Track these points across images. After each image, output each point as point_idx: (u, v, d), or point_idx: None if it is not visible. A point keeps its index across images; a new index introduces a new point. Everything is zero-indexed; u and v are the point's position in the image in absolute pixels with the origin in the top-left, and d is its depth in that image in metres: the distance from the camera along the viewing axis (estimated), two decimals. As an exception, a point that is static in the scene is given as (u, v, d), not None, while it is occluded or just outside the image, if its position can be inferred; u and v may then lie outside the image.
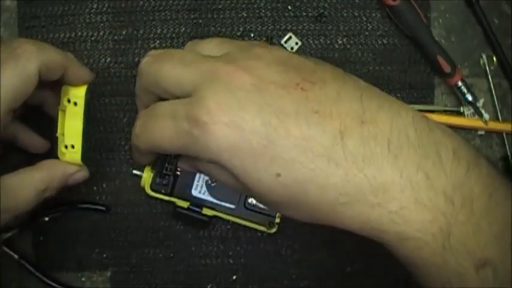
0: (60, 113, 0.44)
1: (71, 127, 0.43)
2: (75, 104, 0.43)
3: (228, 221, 0.51)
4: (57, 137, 0.44)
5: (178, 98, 0.37)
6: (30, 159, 0.45)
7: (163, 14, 0.52)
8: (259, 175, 0.34)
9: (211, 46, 0.40)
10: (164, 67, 0.38)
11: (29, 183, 0.42)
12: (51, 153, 0.46)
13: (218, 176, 0.38)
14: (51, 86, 0.45)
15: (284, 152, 0.33)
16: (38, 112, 0.48)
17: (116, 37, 0.52)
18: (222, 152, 0.34)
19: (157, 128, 0.37)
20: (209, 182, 0.50)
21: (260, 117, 0.34)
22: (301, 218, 0.37)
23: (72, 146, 0.43)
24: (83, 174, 0.45)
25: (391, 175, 0.33)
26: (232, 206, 0.50)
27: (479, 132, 0.53)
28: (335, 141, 0.33)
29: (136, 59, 0.52)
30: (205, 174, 0.41)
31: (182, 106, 0.36)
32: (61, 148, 0.44)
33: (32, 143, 0.48)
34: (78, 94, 0.43)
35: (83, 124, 0.43)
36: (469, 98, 0.51)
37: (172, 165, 0.49)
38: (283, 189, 0.34)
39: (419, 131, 0.34)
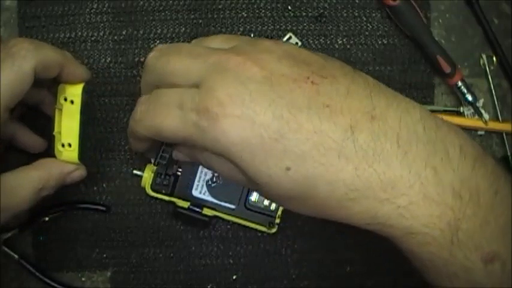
0: (56, 112, 0.43)
1: (68, 126, 0.43)
2: (72, 102, 0.42)
3: (228, 221, 0.50)
4: (54, 136, 0.44)
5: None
6: (29, 158, 0.45)
7: (163, 14, 0.51)
8: (268, 169, 0.33)
9: (218, 41, 0.39)
10: (171, 61, 0.37)
11: (26, 182, 0.41)
12: (49, 152, 0.46)
13: (219, 168, 0.37)
14: (48, 85, 0.45)
15: (296, 145, 0.33)
16: (35, 111, 0.48)
17: (116, 37, 0.51)
18: (231, 145, 0.34)
19: (162, 116, 0.36)
20: (209, 182, 0.49)
21: (271, 110, 0.33)
22: (308, 213, 0.36)
23: (69, 145, 0.43)
24: (80, 173, 0.44)
25: (400, 171, 0.33)
26: (232, 206, 0.49)
27: (479, 132, 0.52)
28: (346, 135, 0.33)
29: (136, 59, 0.51)
30: (203, 165, 0.40)
31: (190, 95, 0.35)
32: (58, 147, 0.43)
33: (29, 143, 0.48)
34: (74, 92, 0.42)
35: (80, 122, 0.43)
36: (469, 98, 0.51)
37: (167, 153, 0.47)
38: (292, 184, 0.34)
39: (428, 128, 0.34)
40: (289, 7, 0.52)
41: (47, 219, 0.50)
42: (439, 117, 0.35)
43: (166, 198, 0.49)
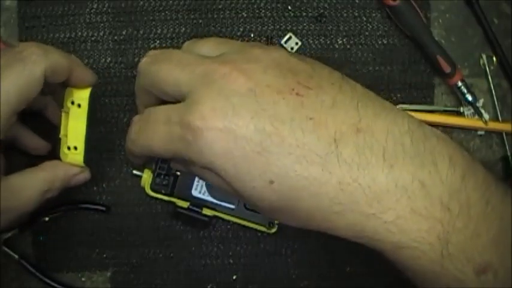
0: (63, 115, 0.45)
1: (75, 129, 0.44)
2: (79, 106, 0.44)
3: (228, 221, 0.51)
4: (59, 139, 0.45)
5: (176, 99, 0.38)
6: (31, 160, 0.46)
7: (163, 14, 0.53)
8: (251, 182, 0.34)
9: (208, 46, 0.40)
10: (162, 69, 0.38)
11: (32, 184, 0.43)
12: (53, 154, 0.47)
13: (212, 180, 0.38)
14: (55, 90, 0.46)
15: (278, 159, 0.33)
16: (38, 114, 0.49)
17: (116, 37, 0.52)
18: (215, 158, 0.34)
19: (151, 133, 0.38)
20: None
21: (254, 123, 0.34)
22: (295, 224, 0.37)
23: (75, 148, 0.44)
24: (84, 175, 0.46)
25: (386, 185, 0.33)
26: (232, 206, 0.50)
27: (479, 133, 0.53)
28: (330, 149, 0.33)
29: (136, 59, 0.52)
30: (199, 177, 0.42)
31: (176, 111, 0.36)
32: (64, 149, 0.44)
33: (32, 145, 0.49)
34: (82, 96, 0.44)
35: (87, 126, 0.44)
36: (469, 98, 0.51)
37: (165, 164, 0.50)
38: (276, 197, 0.34)
39: (415, 140, 0.34)
40: (289, 7, 0.53)
41: (47, 219, 0.51)
42: (427, 127, 0.36)
43: (166, 198, 0.50)
